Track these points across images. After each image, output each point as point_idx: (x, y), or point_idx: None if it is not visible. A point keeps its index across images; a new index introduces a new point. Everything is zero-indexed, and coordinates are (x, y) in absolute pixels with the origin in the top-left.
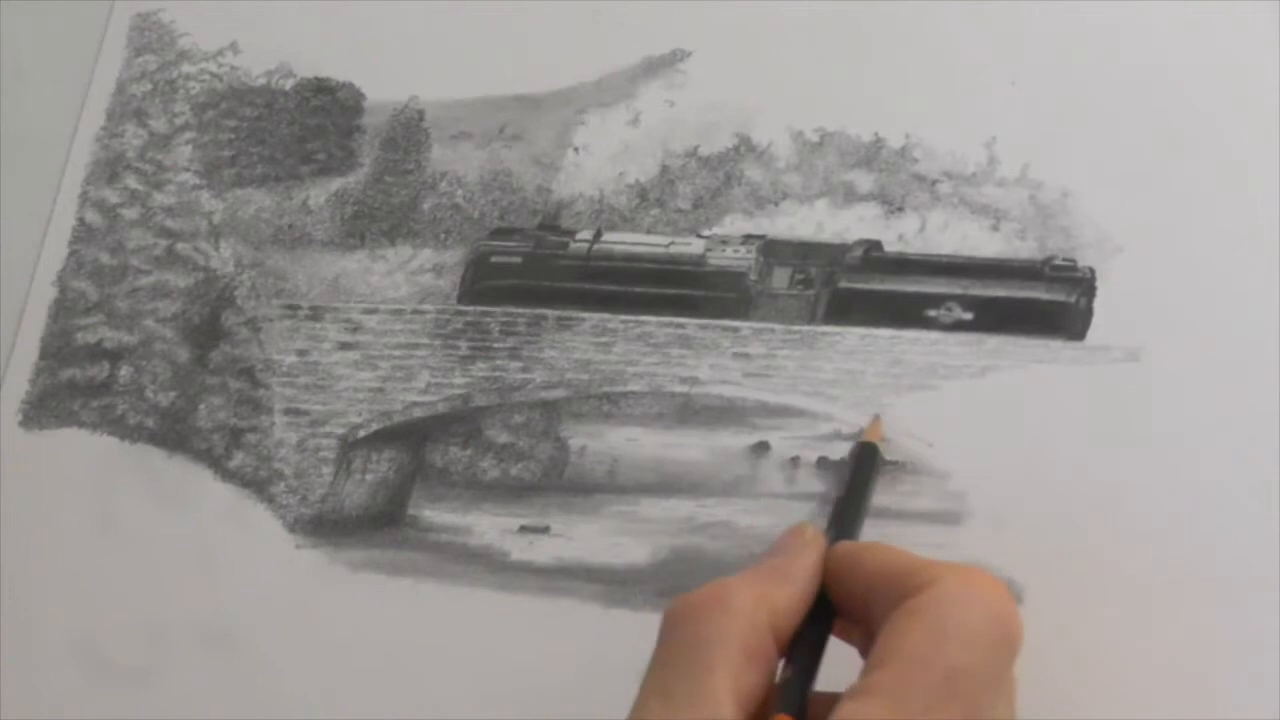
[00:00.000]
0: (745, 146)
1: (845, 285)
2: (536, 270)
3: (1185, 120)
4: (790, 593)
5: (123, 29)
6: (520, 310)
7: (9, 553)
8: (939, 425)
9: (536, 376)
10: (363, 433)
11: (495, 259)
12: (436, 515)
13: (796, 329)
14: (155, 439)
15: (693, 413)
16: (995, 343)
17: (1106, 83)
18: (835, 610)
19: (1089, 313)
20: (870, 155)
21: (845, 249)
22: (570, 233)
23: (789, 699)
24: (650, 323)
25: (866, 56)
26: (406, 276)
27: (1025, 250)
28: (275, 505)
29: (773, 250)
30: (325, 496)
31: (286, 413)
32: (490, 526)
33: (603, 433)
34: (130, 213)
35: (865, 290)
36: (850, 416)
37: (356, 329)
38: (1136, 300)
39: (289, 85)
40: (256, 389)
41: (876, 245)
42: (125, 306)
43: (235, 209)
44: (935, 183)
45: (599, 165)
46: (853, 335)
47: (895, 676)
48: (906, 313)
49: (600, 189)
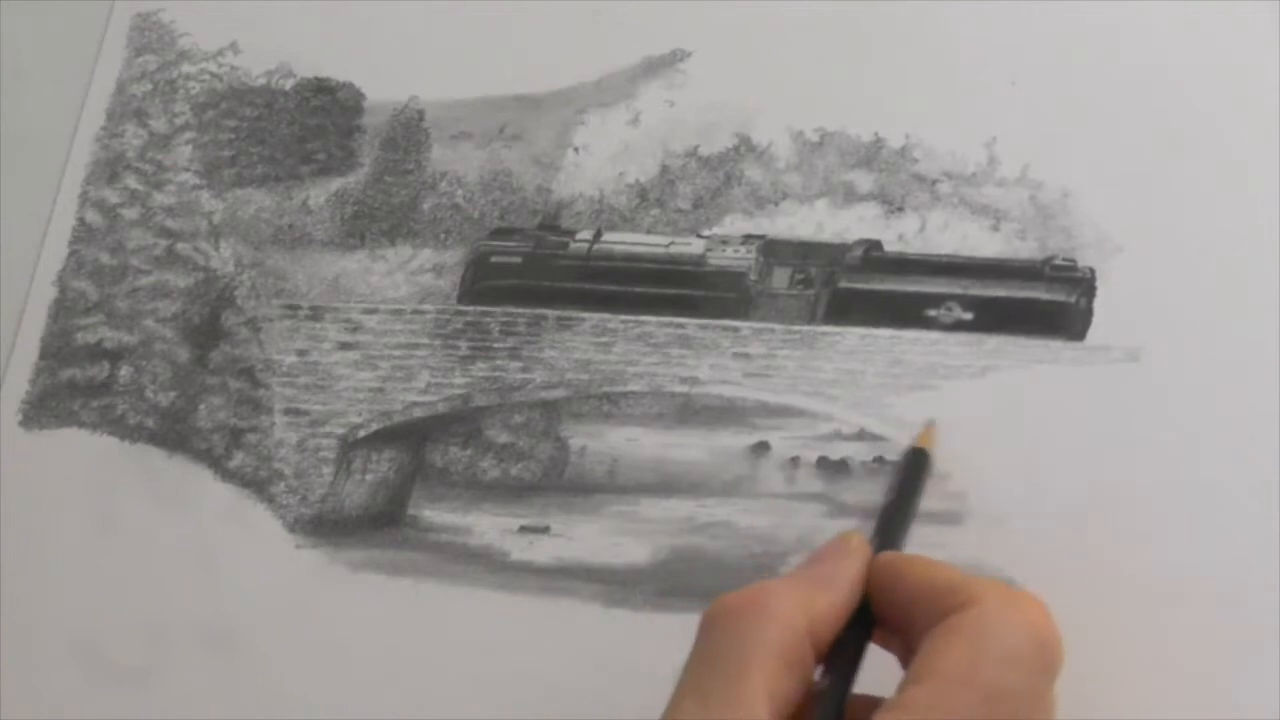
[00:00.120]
0: (745, 146)
1: (845, 285)
2: (536, 270)
3: (1185, 120)
4: (831, 600)
5: (123, 29)
6: (520, 310)
7: (9, 553)
8: (939, 425)
9: (536, 376)
10: (363, 433)
11: (495, 259)
12: (436, 515)
13: (796, 329)
14: (155, 439)
15: (693, 413)
16: (995, 343)
17: (1106, 83)
18: (876, 620)
19: (1089, 313)
20: (870, 155)
21: (845, 249)
22: (570, 233)
23: (825, 708)
24: (650, 323)
25: (866, 56)
26: (406, 276)
27: (1025, 250)
28: (275, 505)
29: (773, 250)
30: (325, 496)
31: (286, 413)
32: (490, 526)
33: (603, 433)
34: (130, 213)
35: (865, 290)
36: (850, 416)
37: (356, 329)
38: (1136, 300)
39: (289, 85)
40: (256, 389)
41: (876, 245)
42: (125, 306)
43: (235, 209)
44: (935, 183)
45: (599, 165)
46: (853, 335)
47: (932, 694)
48: (906, 313)
49: (600, 189)
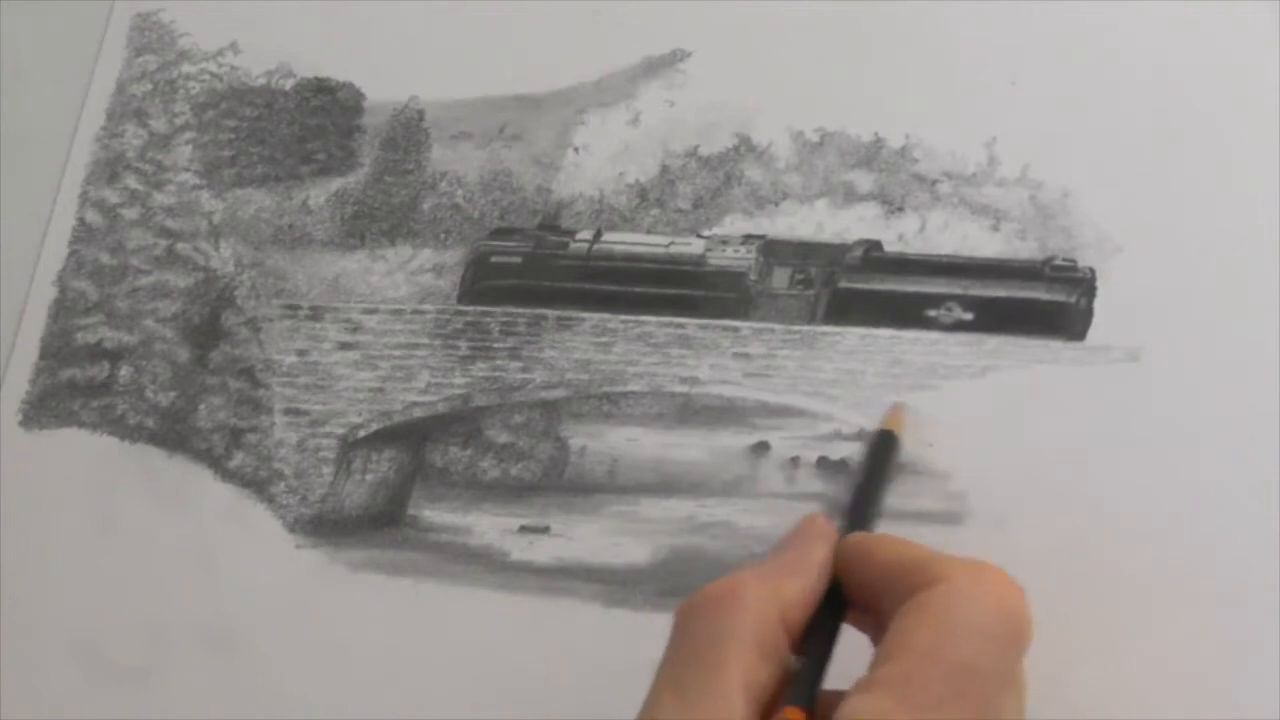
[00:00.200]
0: (745, 146)
1: (845, 285)
2: (536, 270)
3: (1185, 120)
4: (802, 585)
5: (123, 29)
6: (520, 310)
7: (9, 553)
8: (939, 425)
9: (536, 376)
10: (363, 433)
11: (495, 259)
12: (436, 515)
13: (796, 329)
14: (155, 439)
15: (693, 413)
16: (995, 343)
17: (1106, 83)
18: (848, 602)
19: (1089, 313)
20: (870, 155)
21: (845, 249)
22: (570, 233)
23: (799, 692)
24: (650, 323)
25: (866, 56)
26: (406, 276)
27: (1025, 250)
28: (275, 505)
29: (773, 250)
30: (325, 496)
31: (286, 413)
32: (490, 526)
33: (603, 433)
34: (130, 213)
35: (865, 290)
36: (850, 416)
37: (356, 329)
38: (1136, 300)
39: (289, 85)
40: (256, 389)
41: (876, 245)
42: (125, 306)
43: (235, 209)
44: (935, 183)
45: (599, 165)
46: (853, 335)
47: (903, 670)
48: (906, 313)
49: (600, 189)
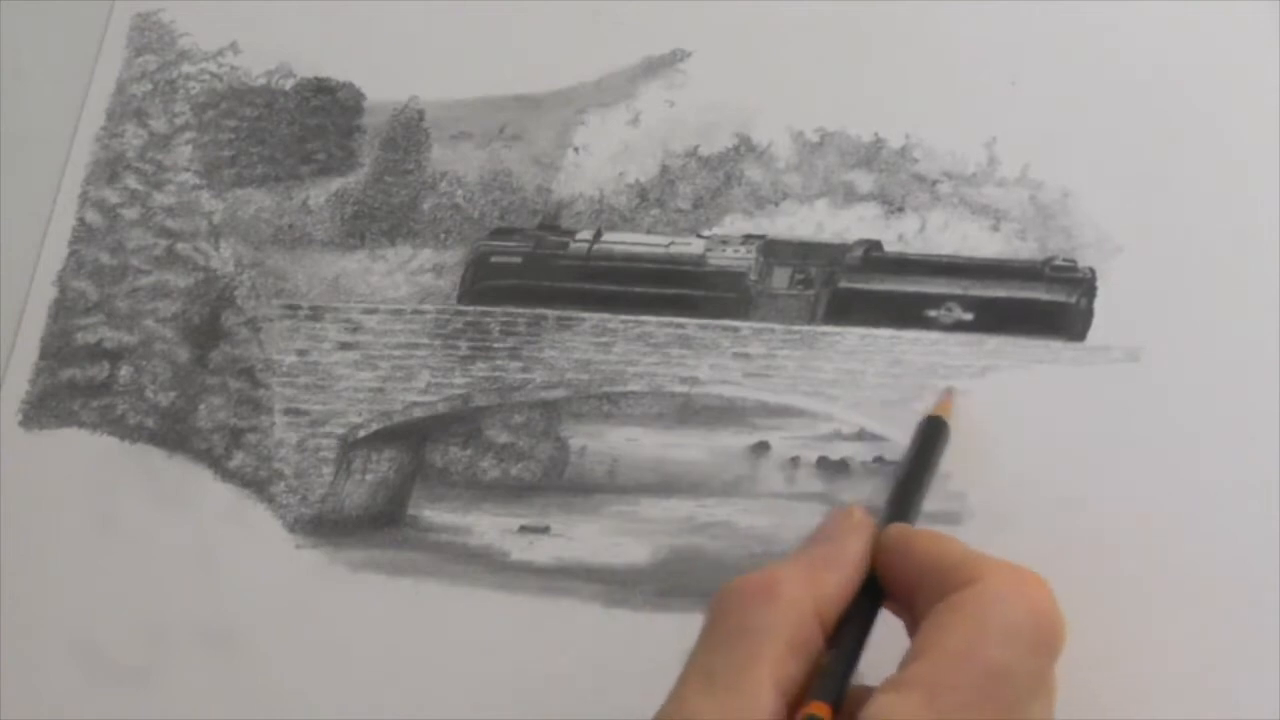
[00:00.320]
0: (745, 146)
1: (845, 285)
2: (536, 270)
3: (1185, 120)
4: (837, 580)
5: (123, 29)
6: (520, 310)
7: (9, 553)
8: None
9: (536, 376)
10: (363, 433)
11: (495, 259)
12: (436, 515)
13: (796, 329)
14: (155, 439)
15: (693, 413)
16: (995, 343)
17: (1106, 83)
18: (883, 595)
19: (1089, 313)
20: (870, 155)
21: (845, 249)
22: (570, 233)
23: (826, 686)
24: (650, 323)
25: (866, 56)
26: (406, 276)
27: (1025, 250)
28: (275, 505)
29: (773, 250)
30: (325, 496)
31: (286, 413)
32: (490, 526)
33: (603, 433)
34: (130, 213)
35: (865, 290)
36: (850, 416)
37: (356, 329)
38: (1137, 300)
39: (289, 85)
40: (256, 389)
41: (876, 245)
42: (125, 306)
43: (235, 209)
44: (935, 183)
45: (599, 165)
46: (853, 335)
47: (932, 671)
48: (906, 313)
49: (600, 189)
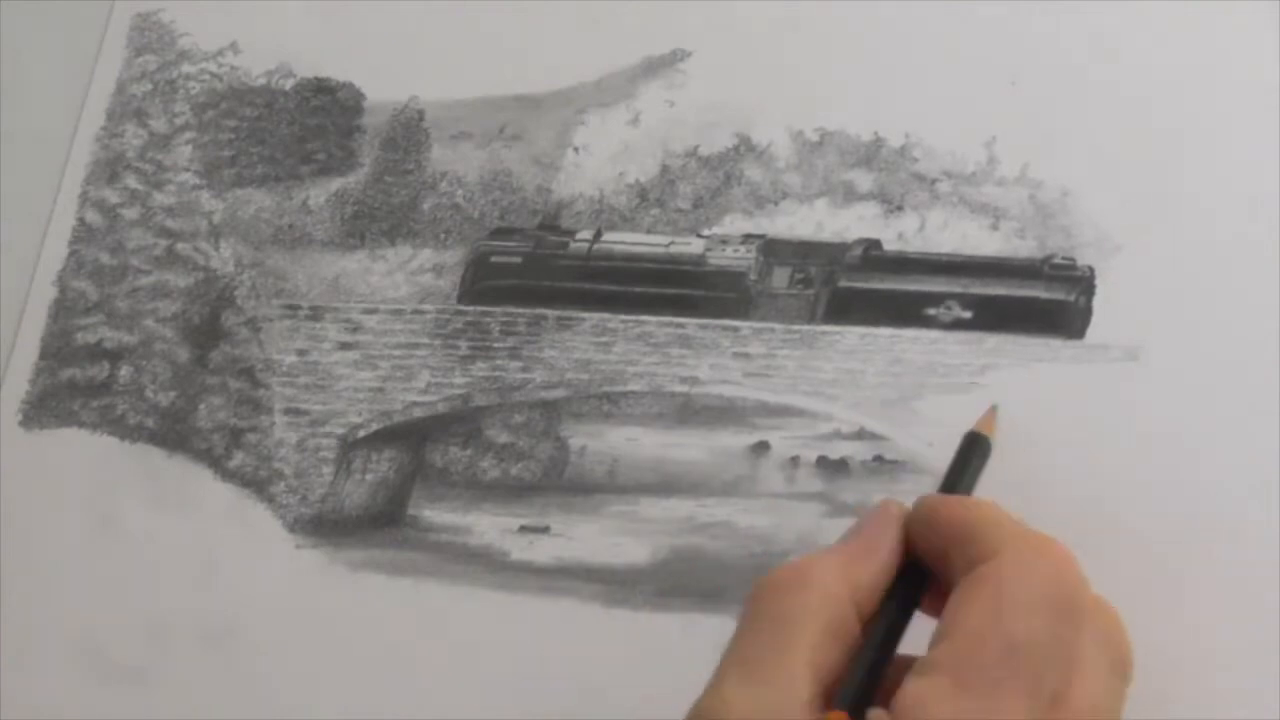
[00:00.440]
0: (745, 146)
1: (845, 284)
2: (536, 270)
3: (1185, 120)
4: (874, 569)
5: (123, 29)
6: (520, 310)
7: (9, 553)
8: (939, 425)
9: (536, 376)
10: (363, 433)
11: (495, 259)
12: (436, 515)
13: (796, 328)
14: (155, 439)
15: (693, 413)
16: (995, 341)
17: (1106, 83)
18: (924, 580)
19: (1088, 311)
20: (870, 155)
21: (845, 248)
22: (570, 233)
23: (847, 694)
24: (650, 323)
25: (867, 56)
26: (406, 276)
27: (1025, 249)
28: (275, 505)
29: (773, 250)
30: (325, 496)
31: (286, 413)
32: (490, 526)
33: (603, 433)
34: (130, 213)
35: (865, 289)
36: (850, 416)
37: (356, 329)
38: (1136, 299)
39: (289, 85)
40: (256, 389)
41: (876, 244)
42: (125, 306)
43: (235, 209)
44: (935, 182)
45: (599, 165)
46: (853, 334)
47: (957, 651)
48: (906, 312)
49: (600, 189)
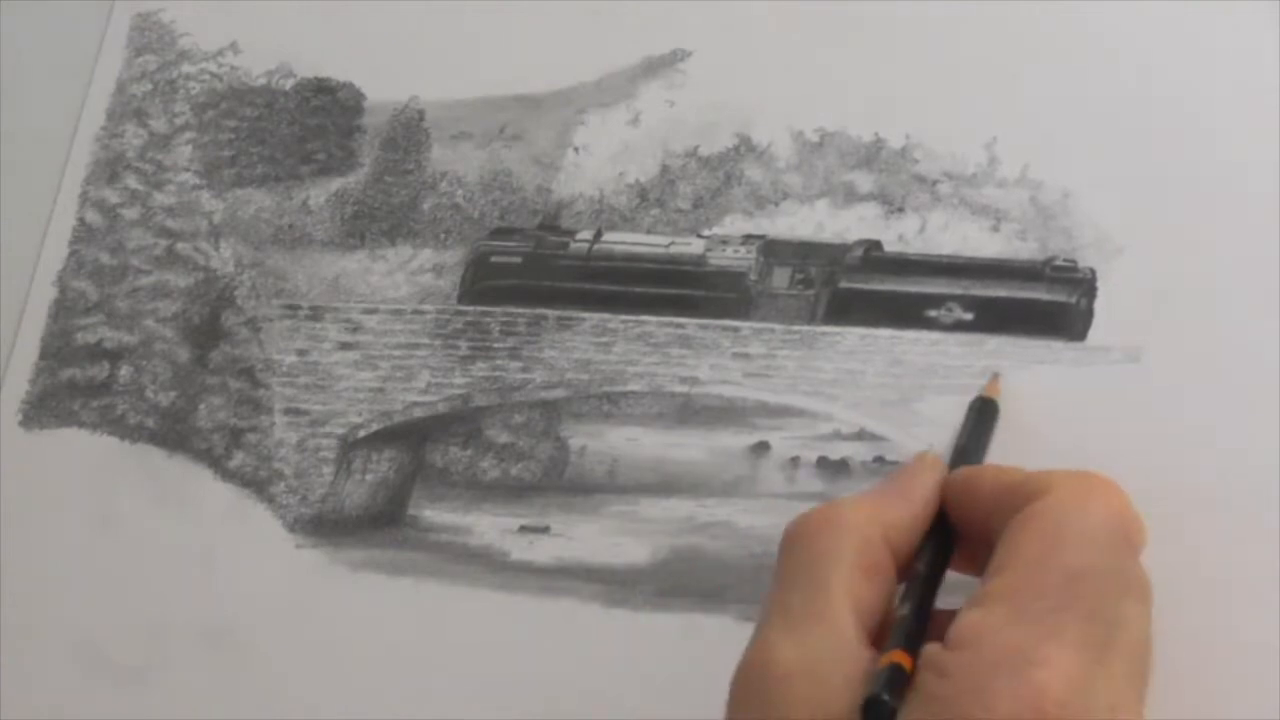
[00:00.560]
0: (745, 146)
1: (845, 285)
2: (536, 270)
3: (1185, 120)
4: (905, 511)
5: (123, 29)
6: (520, 310)
7: (9, 553)
8: (939, 426)
9: (536, 376)
10: (363, 433)
11: (495, 259)
12: (436, 515)
13: (796, 329)
14: (155, 439)
15: (693, 413)
16: (996, 343)
17: (1106, 83)
18: (956, 535)
19: (1089, 313)
20: (870, 155)
21: (845, 249)
22: (570, 233)
23: (902, 634)
24: (650, 323)
25: (866, 56)
26: (406, 276)
27: (1026, 251)
28: (275, 505)
29: (773, 250)
30: (325, 496)
31: (286, 413)
32: (490, 526)
33: (603, 433)
34: (130, 213)
35: (865, 290)
36: (850, 416)
37: (356, 329)
38: (1137, 301)
39: (289, 85)
40: (256, 389)
41: (877, 245)
42: (125, 306)
43: (235, 209)
44: (935, 183)
45: (599, 165)
46: (853, 335)
47: (1014, 582)
48: (907, 313)
49: (600, 189)
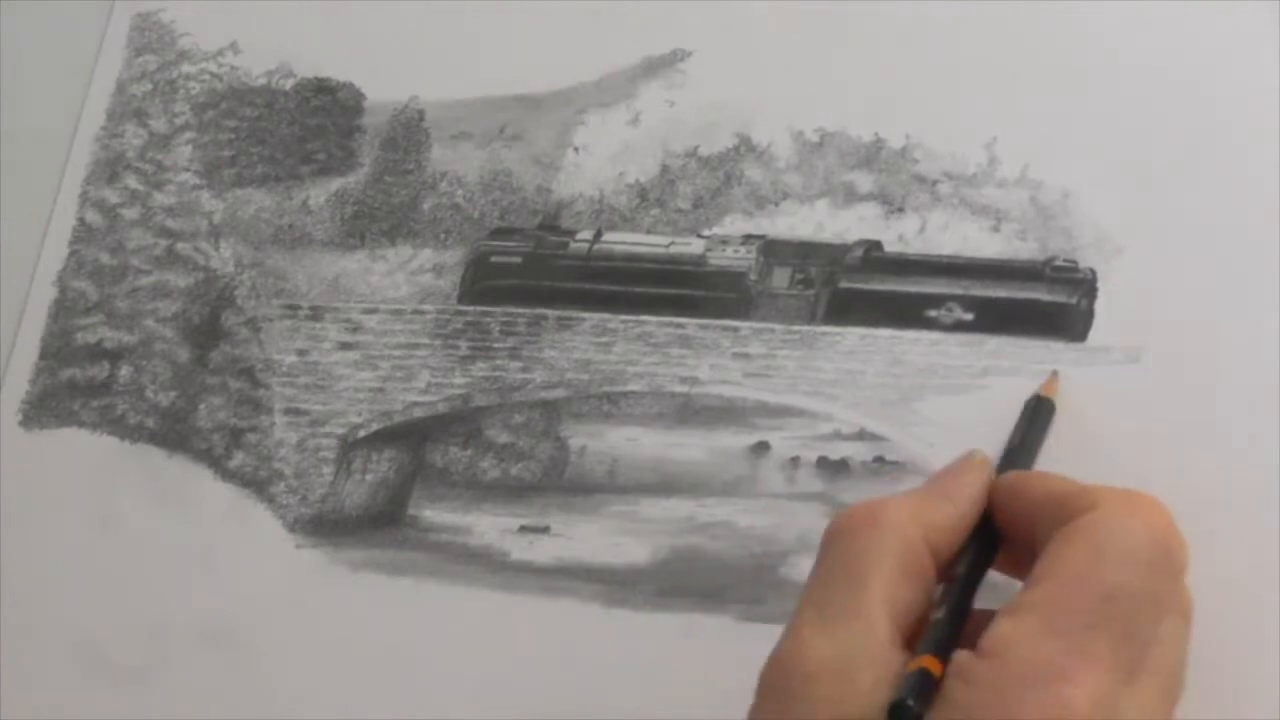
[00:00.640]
0: (745, 146)
1: (845, 285)
2: (536, 270)
3: (1185, 120)
4: (949, 511)
5: (123, 29)
6: (520, 310)
7: (9, 553)
8: (940, 426)
9: (536, 376)
10: (363, 433)
11: (495, 259)
12: (436, 515)
13: (796, 329)
14: (155, 439)
15: (693, 413)
16: (996, 343)
17: (1106, 83)
18: (1000, 539)
19: (1090, 314)
20: (870, 155)
21: (845, 249)
22: (570, 233)
23: (934, 639)
24: (650, 323)
25: (866, 56)
26: (406, 276)
27: (1026, 251)
28: (275, 505)
29: (773, 250)
30: (325, 496)
31: (286, 413)
32: (490, 526)
33: (603, 433)
34: (130, 213)
35: (865, 290)
36: (850, 416)
37: (356, 329)
38: (1137, 301)
39: (289, 85)
40: (256, 389)
41: (877, 245)
42: (125, 306)
43: (235, 209)
44: (935, 183)
45: (599, 165)
46: (853, 335)
47: (1052, 595)
48: (907, 313)
49: (600, 189)
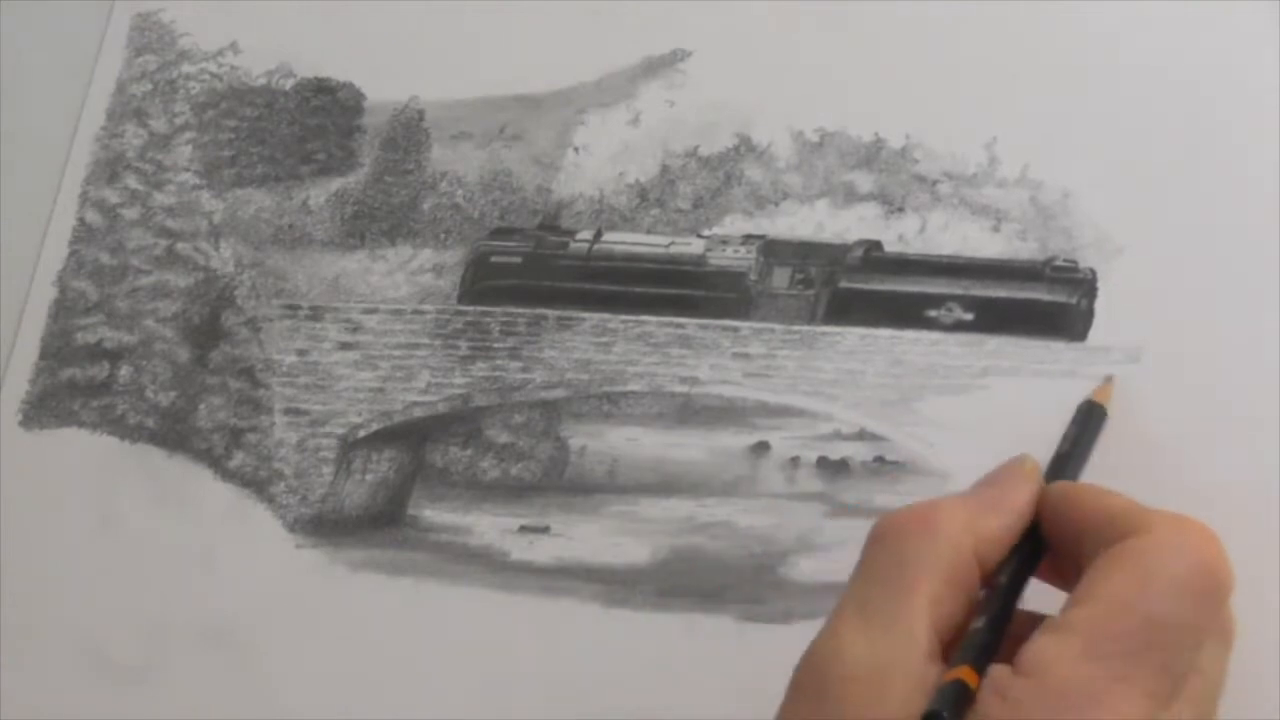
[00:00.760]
0: (745, 146)
1: (845, 285)
2: (536, 270)
3: (1185, 120)
4: (1000, 523)
5: (123, 29)
6: (520, 310)
7: (9, 553)
8: (939, 425)
9: (536, 376)
10: (363, 433)
11: (495, 259)
12: (436, 515)
13: (796, 329)
14: (155, 439)
15: (693, 413)
16: (996, 343)
17: (1106, 83)
18: (1045, 548)
19: (1090, 314)
20: (870, 155)
21: (845, 249)
22: (570, 233)
23: (972, 650)
24: (650, 323)
25: (866, 56)
26: (406, 276)
27: (1026, 251)
28: (275, 505)
29: (773, 250)
30: (325, 496)
31: (286, 413)
32: (490, 526)
33: (603, 433)
34: (130, 213)
35: (865, 290)
36: (850, 416)
37: (356, 329)
38: (1137, 301)
39: (289, 85)
40: (256, 389)
41: (877, 245)
42: (125, 306)
43: (235, 209)
44: (936, 183)
45: (599, 165)
46: (853, 335)
47: (1094, 617)
48: (907, 313)
49: (600, 189)
